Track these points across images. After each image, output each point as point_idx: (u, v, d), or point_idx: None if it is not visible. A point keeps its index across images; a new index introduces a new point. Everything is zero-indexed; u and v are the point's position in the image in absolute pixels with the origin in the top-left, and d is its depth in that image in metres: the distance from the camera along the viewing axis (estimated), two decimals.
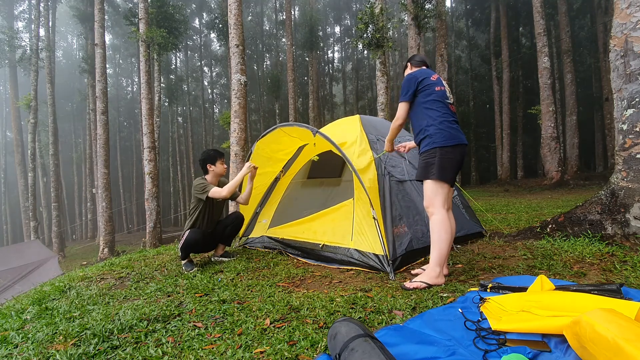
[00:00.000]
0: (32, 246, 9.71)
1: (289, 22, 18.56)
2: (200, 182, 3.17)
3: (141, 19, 11.18)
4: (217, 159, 3.28)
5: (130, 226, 29.68)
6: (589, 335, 1.15)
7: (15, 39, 15.82)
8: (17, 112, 19.84)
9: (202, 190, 3.12)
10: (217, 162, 3.27)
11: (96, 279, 3.04)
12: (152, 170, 10.82)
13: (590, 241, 2.76)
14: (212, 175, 3.28)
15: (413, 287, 2.14)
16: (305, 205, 3.80)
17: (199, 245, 3.17)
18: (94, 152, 17.20)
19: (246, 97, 7.45)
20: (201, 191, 3.12)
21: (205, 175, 3.31)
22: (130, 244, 16.62)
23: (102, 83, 11.76)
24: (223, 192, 3.07)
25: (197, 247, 3.21)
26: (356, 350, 1.20)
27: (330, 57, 34.70)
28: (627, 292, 1.75)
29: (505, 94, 17.48)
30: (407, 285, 2.17)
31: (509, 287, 1.94)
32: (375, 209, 2.69)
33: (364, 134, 3.22)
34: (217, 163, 3.27)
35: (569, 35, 14.22)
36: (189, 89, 31.10)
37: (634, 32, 2.67)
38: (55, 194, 16.60)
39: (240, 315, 1.90)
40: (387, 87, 9.66)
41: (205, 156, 3.28)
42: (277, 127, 3.35)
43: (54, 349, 1.64)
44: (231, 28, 7.21)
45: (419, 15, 10.71)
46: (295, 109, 18.21)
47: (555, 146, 11.56)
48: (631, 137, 2.69)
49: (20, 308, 2.39)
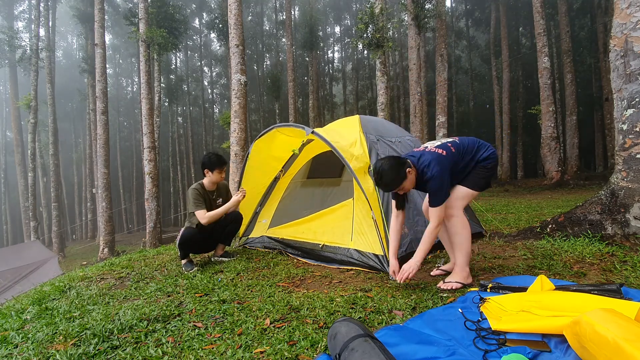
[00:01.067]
0: (32, 246, 9.72)
1: (289, 22, 18.56)
2: (193, 197, 3.12)
3: (141, 19, 11.18)
4: (216, 168, 3.17)
5: (130, 226, 29.68)
6: (589, 335, 1.15)
7: (15, 39, 15.82)
8: (17, 112, 19.85)
9: (193, 203, 3.10)
10: (215, 170, 3.18)
11: (96, 279, 3.04)
12: (152, 170, 10.82)
13: (590, 241, 2.76)
14: (208, 181, 3.24)
15: (449, 287, 2.15)
16: (305, 205, 3.80)
17: (195, 242, 3.14)
18: (94, 152, 17.20)
19: (246, 97, 7.45)
20: (192, 204, 3.11)
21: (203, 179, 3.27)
22: (130, 244, 16.63)
23: (102, 83, 11.75)
24: (203, 219, 3.04)
25: (194, 244, 3.18)
26: (356, 350, 1.20)
27: (330, 57, 34.70)
28: (627, 292, 1.75)
29: (505, 94, 17.49)
30: (443, 286, 2.17)
31: (509, 287, 1.94)
32: (375, 210, 2.68)
33: (362, 136, 3.20)
34: (215, 172, 3.18)
35: (569, 35, 14.22)
36: (189, 89, 31.09)
37: (634, 32, 2.67)
38: (55, 194, 16.60)
39: (240, 315, 1.90)
40: (387, 87, 9.66)
41: (206, 160, 3.21)
42: (273, 128, 3.36)
43: (54, 349, 1.64)
44: (231, 28, 7.21)
45: (419, 15, 10.72)
46: (295, 109, 18.21)
47: (555, 146, 11.55)
48: (631, 137, 2.69)
49: (20, 308, 2.39)
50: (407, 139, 3.70)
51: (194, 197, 3.11)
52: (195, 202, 3.10)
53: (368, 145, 3.08)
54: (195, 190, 3.15)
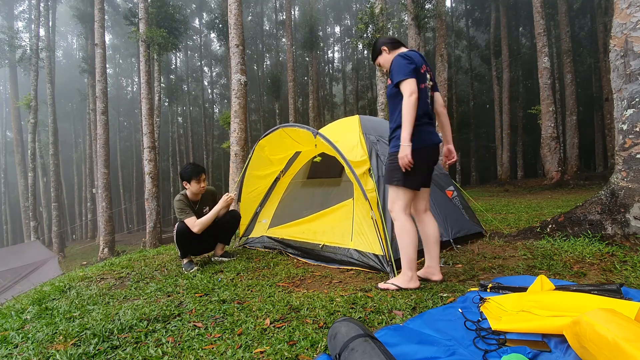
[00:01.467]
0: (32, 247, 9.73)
1: (289, 22, 18.56)
2: (178, 206, 3.07)
3: (141, 19, 11.18)
4: (193, 179, 3.08)
5: (130, 226, 29.68)
6: (589, 335, 1.15)
7: (15, 39, 15.83)
8: (17, 112, 19.85)
9: (179, 213, 3.06)
10: (192, 181, 3.08)
11: (96, 279, 3.04)
12: (152, 170, 10.82)
13: (590, 241, 2.76)
14: (190, 192, 3.17)
15: (384, 287, 2.19)
16: (305, 205, 3.80)
17: (192, 236, 3.06)
18: (94, 152, 17.20)
19: (246, 97, 7.45)
20: (178, 214, 3.07)
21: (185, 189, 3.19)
22: (130, 244, 16.63)
23: (102, 83, 11.76)
24: (194, 228, 3.00)
25: (192, 239, 3.10)
26: (356, 350, 1.20)
27: (330, 57, 34.72)
28: (627, 292, 1.75)
29: (505, 94, 17.49)
30: (380, 286, 2.23)
31: (509, 287, 1.94)
32: (375, 211, 2.68)
33: (362, 136, 3.20)
34: (193, 182, 3.09)
35: (569, 35, 14.22)
36: (189, 89, 31.10)
37: (634, 32, 2.67)
38: (55, 194, 16.60)
39: (240, 315, 1.90)
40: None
41: (182, 172, 3.14)
42: (279, 128, 3.34)
43: (54, 349, 1.64)
44: (231, 28, 7.21)
45: (419, 15, 10.72)
46: (295, 109, 18.21)
47: (555, 146, 11.55)
48: (631, 137, 2.69)
49: (20, 308, 2.39)
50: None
51: (179, 207, 3.07)
52: (182, 211, 3.05)
53: (368, 147, 3.09)
54: (179, 201, 3.10)
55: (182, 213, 3.06)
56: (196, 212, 3.17)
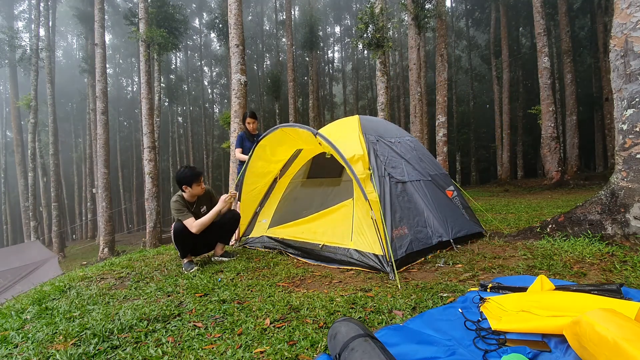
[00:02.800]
0: (32, 247, 9.73)
1: (289, 22, 18.57)
2: (176, 207, 3.06)
3: (141, 19, 11.19)
4: (194, 182, 3.08)
5: (130, 226, 29.68)
6: (589, 335, 1.15)
7: (15, 39, 15.84)
8: (17, 112, 19.84)
9: (177, 214, 3.06)
10: (193, 184, 3.08)
11: (96, 278, 3.04)
12: (152, 170, 10.82)
13: (590, 241, 2.76)
14: (189, 194, 3.16)
15: None
16: (305, 205, 3.80)
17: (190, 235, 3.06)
18: (94, 152, 17.21)
19: (246, 97, 7.45)
20: (176, 214, 3.06)
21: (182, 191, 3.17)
22: (130, 244, 16.63)
23: (102, 83, 11.76)
24: (193, 228, 3.00)
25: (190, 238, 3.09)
26: (356, 350, 1.20)
27: (330, 57, 34.71)
28: (627, 292, 1.75)
29: (505, 94, 17.49)
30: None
31: (509, 287, 1.94)
32: (375, 212, 2.68)
33: (362, 137, 3.19)
34: (194, 185, 3.08)
35: (569, 35, 14.23)
36: (189, 89, 31.12)
37: (634, 32, 2.67)
38: (55, 194, 16.61)
39: (240, 315, 1.90)
40: (387, 87, 9.65)
41: (181, 177, 3.08)
42: (279, 128, 3.34)
43: (54, 348, 1.64)
44: (231, 28, 7.21)
45: (419, 15, 10.72)
46: (295, 109, 18.22)
47: (555, 146, 11.56)
48: (631, 137, 2.69)
49: (20, 308, 2.39)
50: (407, 140, 3.71)
51: (176, 209, 3.06)
52: (179, 212, 3.05)
53: (367, 147, 3.09)
54: (176, 202, 3.09)
55: (180, 214, 3.06)
56: (193, 212, 3.18)
